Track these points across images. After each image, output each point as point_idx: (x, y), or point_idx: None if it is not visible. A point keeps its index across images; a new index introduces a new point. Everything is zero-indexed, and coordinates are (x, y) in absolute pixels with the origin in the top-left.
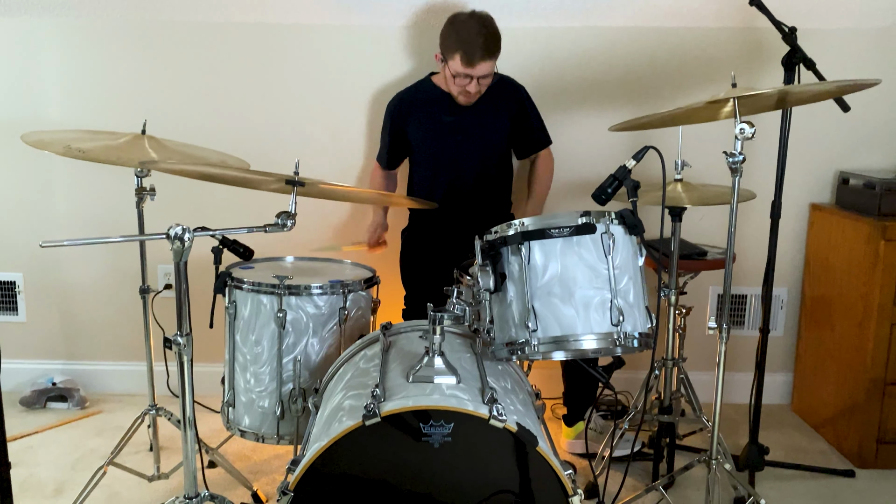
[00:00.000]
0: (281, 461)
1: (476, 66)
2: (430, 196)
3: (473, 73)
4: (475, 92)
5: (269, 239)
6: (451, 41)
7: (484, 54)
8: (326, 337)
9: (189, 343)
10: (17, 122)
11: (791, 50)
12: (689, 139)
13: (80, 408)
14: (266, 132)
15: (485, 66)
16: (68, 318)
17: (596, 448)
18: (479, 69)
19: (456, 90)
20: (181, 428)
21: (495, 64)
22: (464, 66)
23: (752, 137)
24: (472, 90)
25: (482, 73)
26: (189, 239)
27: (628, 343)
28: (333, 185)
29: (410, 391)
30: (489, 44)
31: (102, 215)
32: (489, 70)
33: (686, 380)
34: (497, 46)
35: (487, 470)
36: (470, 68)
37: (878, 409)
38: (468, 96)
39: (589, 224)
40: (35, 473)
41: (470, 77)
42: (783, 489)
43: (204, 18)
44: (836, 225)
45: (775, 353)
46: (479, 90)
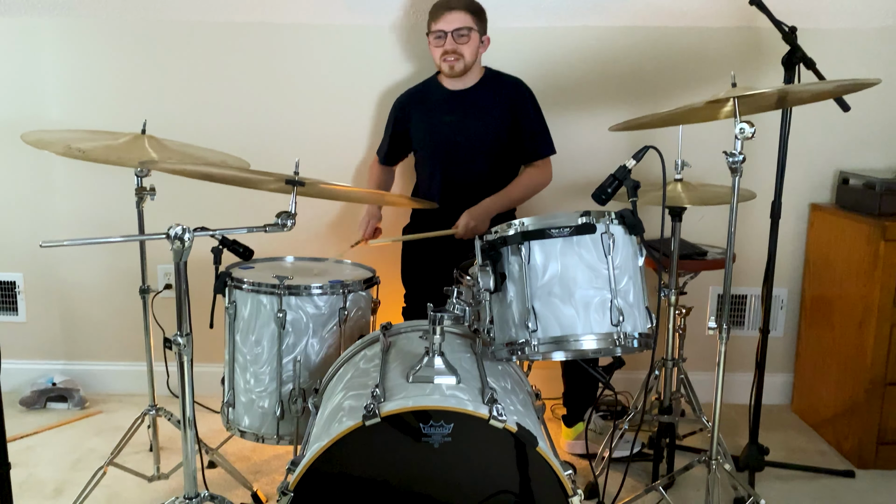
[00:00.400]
0: (281, 461)
1: (442, 17)
2: (431, 195)
3: (442, 26)
4: (452, 50)
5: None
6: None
7: (448, 3)
8: (326, 337)
9: (189, 343)
10: (17, 121)
11: (791, 49)
12: (689, 139)
13: (80, 408)
14: (266, 132)
15: (452, 16)
16: (68, 319)
17: (596, 448)
18: (446, 21)
19: (437, 55)
20: (181, 428)
21: (471, 20)
22: (434, 23)
23: (752, 137)
24: (448, 48)
25: (452, 27)
26: (189, 239)
27: (628, 343)
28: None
29: (410, 391)
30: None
31: (102, 215)
32: (461, 22)
33: (686, 380)
34: (466, 2)
35: (487, 470)
36: (438, 22)
37: (878, 410)
38: (448, 59)
39: (589, 224)
40: (35, 474)
41: (443, 34)
42: (783, 489)
43: (204, 18)
44: (836, 225)
45: (775, 353)
46: (456, 49)
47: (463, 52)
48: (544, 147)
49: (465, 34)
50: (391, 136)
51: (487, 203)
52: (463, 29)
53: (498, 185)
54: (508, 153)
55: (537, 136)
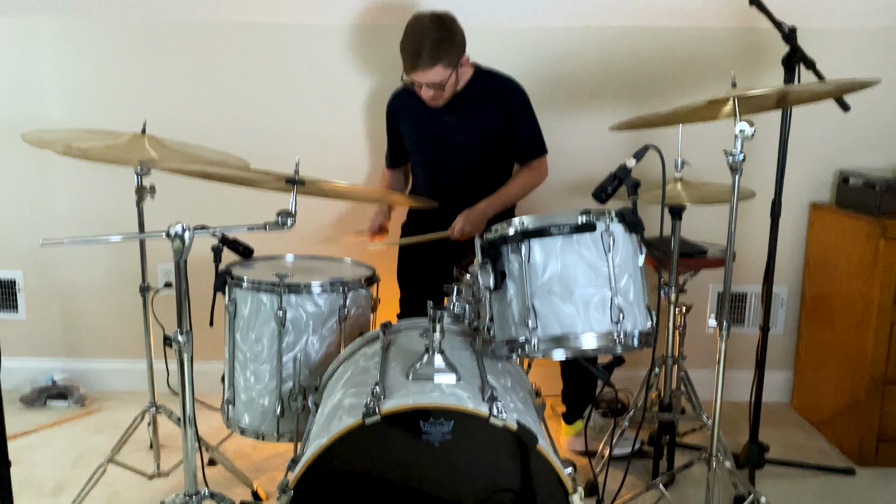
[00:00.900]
0: (281, 459)
1: (416, 73)
2: (428, 194)
3: (419, 79)
4: (431, 97)
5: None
6: (401, 46)
7: (419, 63)
8: (326, 335)
9: (189, 341)
10: (18, 121)
11: (791, 49)
12: (689, 138)
13: (80, 406)
14: (266, 131)
15: (424, 74)
16: (68, 317)
17: (596, 446)
18: (420, 76)
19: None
20: (181, 426)
21: (444, 72)
22: (408, 73)
23: (752, 137)
24: (425, 96)
25: (427, 80)
26: (189, 237)
27: (628, 341)
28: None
29: (410, 389)
30: (432, 50)
31: (102, 214)
32: (433, 77)
33: (686, 378)
34: (437, 55)
35: (487, 468)
36: (413, 74)
37: (878, 408)
38: (431, 100)
39: (589, 222)
40: (35, 471)
41: (419, 83)
42: (783, 487)
43: (204, 18)
44: (836, 224)
45: (775, 351)
46: (434, 96)
47: (440, 94)
48: (537, 147)
49: (439, 86)
50: (389, 137)
51: (483, 206)
52: (436, 84)
53: (490, 184)
54: (499, 152)
55: (529, 136)
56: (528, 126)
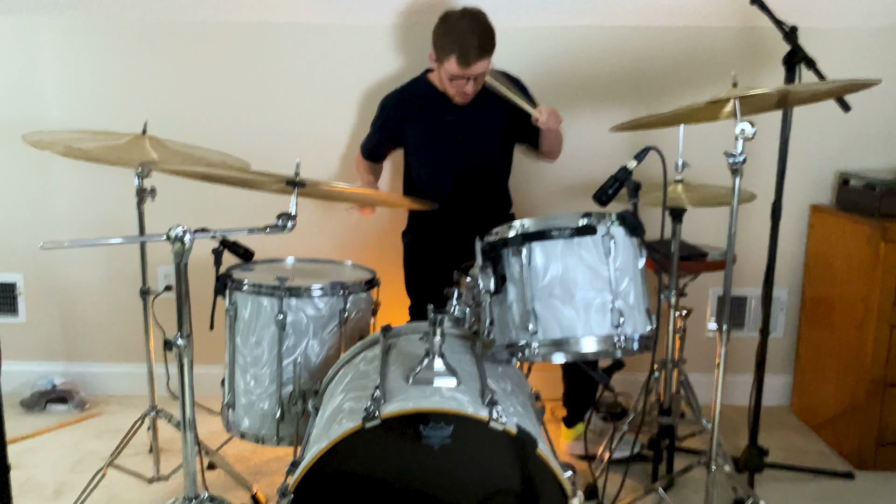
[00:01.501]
0: (281, 463)
1: (472, 66)
2: (430, 196)
3: (470, 73)
4: (473, 91)
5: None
6: (445, 42)
7: (480, 53)
8: (326, 339)
9: (189, 345)
10: (18, 121)
11: (792, 49)
12: (689, 139)
13: (80, 409)
14: (267, 132)
15: (481, 64)
16: (68, 320)
17: (596, 450)
18: (475, 69)
19: (452, 91)
20: (181, 430)
21: (491, 60)
22: (460, 68)
23: (752, 137)
24: (469, 90)
25: (479, 72)
26: (189, 240)
27: (628, 345)
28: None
29: (410, 393)
30: (483, 41)
31: (103, 216)
32: (485, 68)
33: (686, 381)
34: (492, 43)
35: (487, 472)
36: (466, 69)
37: (878, 411)
38: (465, 96)
39: (590, 225)
40: (35, 475)
41: (466, 78)
42: (783, 491)
43: (204, 18)
44: (837, 226)
45: (775, 354)
46: (476, 89)
47: (479, 88)
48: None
49: (485, 73)
50: (380, 136)
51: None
52: (486, 71)
53: (492, 183)
54: (502, 151)
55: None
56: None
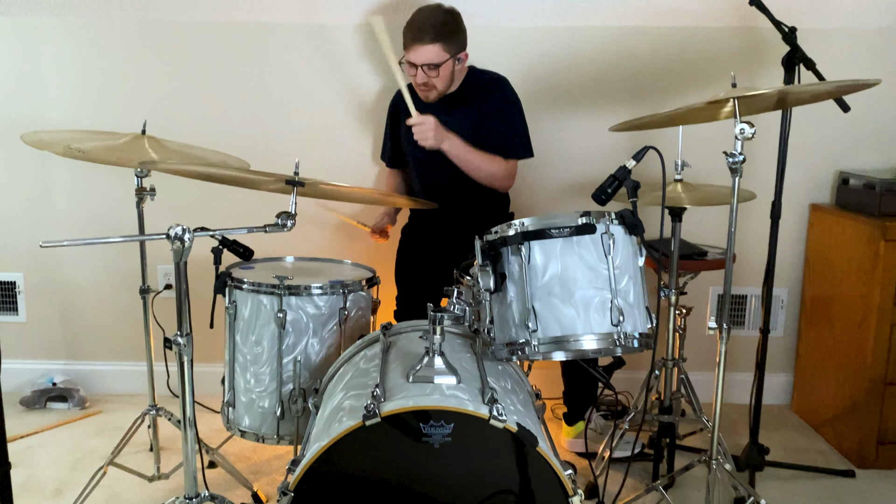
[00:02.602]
0: (281, 461)
1: (412, 50)
2: (426, 194)
3: (412, 58)
4: (423, 83)
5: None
6: (405, 26)
7: (418, 37)
8: (326, 337)
9: (189, 343)
10: (17, 122)
11: (791, 50)
12: (689, 139)
13: (80, 408)
14: (266, 132)
15: (422, 50)
16: (68, 319)
17: (596, 448)
18: (415, 54)
19: (415, 85)
20: (181, 428)
21: (442, 54)
22: (405, 51)
23: (752, 137)
24: (418, 80)
25: (421, 61)
26: (189, 239)
27: (628, 343)
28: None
29: (410, 391)
30: (427, 28)
31: (102, 215)
32: (429, 57)
33: (686, 380)
34: (438, 33)
35: (487, 470)
36: (408, 53)
37: (878, 410)
38: (422, 90)
39: (589, 224)
40: (35, 474)
41: (414, 65)
42: (783, 489)
43: (203, 18)
44: (837, 225)
45: (775, 353)
46: (428, 82)
47: (434, 83)
48: (511, 143)
49: (434, 68)
50: (387, 134)
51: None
52: (431, 64)
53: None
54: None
55: (504, 128)
56: (506, 121)
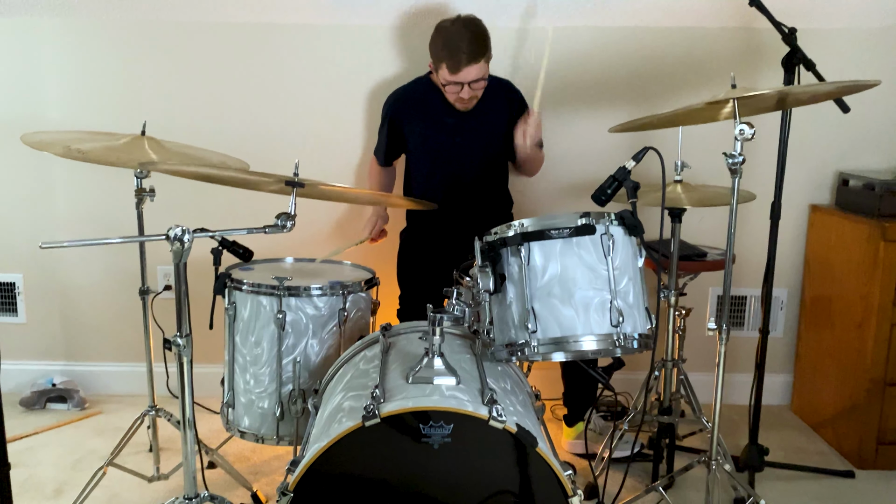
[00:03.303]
0: (280, 462)
1: (461, 71)
2: (429, 196)
3: (461, 79)
4: (469, 97)
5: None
6: (438, 49)
7: (469, 59)
8: (326, 338)
9: (189, 344)
10: (17, 122)
11: (791, 51)
12: (688, 140)
13: (79, 409)
14: (266, 133)
15: (472, 70)
16: (68, 319)
17: (596, 448)
18: (465, 74)
19: (451, 98)
20: (181, 429)
21: (486, 67)
22: (451, 74)
23: (751, 138)
24: (464, 96)
25: (471, 79)
26: (188, 240)
27: (628, 344)
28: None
29: (410, 392)
30: (473, 47)
31: (102, 216)
32: (477, 74)
33: (686, 381)
34: (483, 48)
35: (487, 471)
36: (456, 75)
37: (878, 410)
38: (463, 102)
39: (588, 225)
40: (35, 474)
41: (460, 84)
42: (783, 490)
43: (203, 18)
44: (836, 226)
45: (775, 353)
46: (473, 95)
47: (477, 94)
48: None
49: (480, 80)
50: (388, 135)
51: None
52: (481, 79)
53: (489, 186)
54: (499, 155)
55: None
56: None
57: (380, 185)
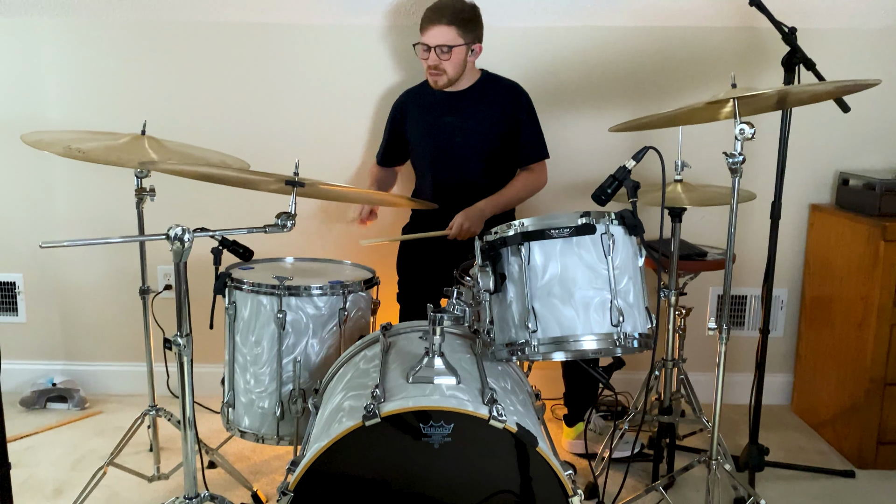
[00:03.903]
0: (281, 462)
1: (427, 31)
2: (425, 195)
3: (426, 40)
4: (434, 65)
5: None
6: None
7: (435, 18)
8: (326, 338)
9: (189, 344)
10: (17, 122)
11: (791, 50)
12: (688, 140)
13: (80, 408)
14: (266, 132)
15: (437, 31)
16: (68, 319)
17: (596, 448)
18: (430, 36)
19: (424, 68)
20: (181, 428)
21: (455, 35)
22: (421, 34)
23: (751, 138)
24: (430, 63)
25: (435, 42)
26: (189, 240)
27: (628, 343)
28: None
29: (410, 392)
30: (445, 9)
31: (102, 216)
32: (443, 38)
33: (686, 380)
34: (455, 16)
35: (487, 470)
36: (423, 34)
37: (878, 410)
38: (432, 74)
39: (589, 224)
40: (35, 474)
41: (427, 48)
42: (783, 489)
43: (203, 18)
44: (836, 225)
45: (775, 353)
46: (439, 65)
47: (445, 67)
48: (539, 151)
49: (447, 51)
50: (389, 136)
51: (482, 204)
52: (444, 46)
53: (491, 186)
54: (502, 156)
55: (533, 139)
56: (532, 129)
57: (377, 184)
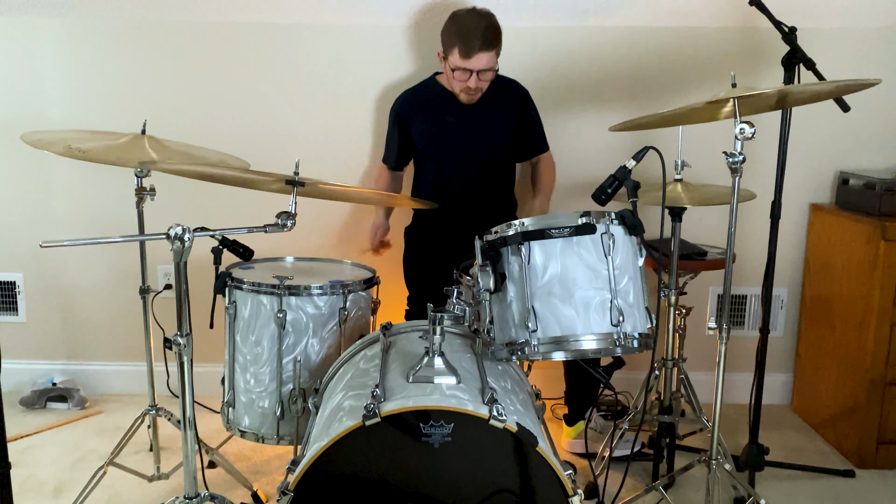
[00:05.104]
0: (281, 461)
1: (473, 57)
2: (434, 196)
3: (471, 65)
4: (475, 87)
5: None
6: (451, 34)
7: (482, 45)
8: (326, 337)
9: (189, 343)
10: (17, 121)
11: (791, 50)
12: (689, 139)
13: (80, 408)
14: (266, 132)
15: (482, 57)
16: (68, 319)
17: (596, 448)
18: (476, 61)
19: (458, 87)
20: (181, 428)
21: (495, 59)
22: (462, 59)
23: (752, 137)
24: (472, 85)
25: (480, 67)
26: (189, 239)
27: (628, 343)
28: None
29: (410, 391)
30: (487, 35)
31: (102, 215)
32: (488, 63)
33: (686, 380)
34: (496, 39)
35: (487, 470)
36: (467, 60)
37: (878, 409)
38: (469, 93)
39: (589, 224)
40: (35, 473)
41: (469, 71)
42: (783, 489)
43: (203, 18)
44: (836, 225)
45: (775, 353)
46: (479, 86)
47: (482, 87)
48: (545, 141)
49: (488, 72)
50: (397, 139)
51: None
52: (489, 70)
53: (494, 186)
54: (505, 155)
55: (540, 132)
56: (539, 122)
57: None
